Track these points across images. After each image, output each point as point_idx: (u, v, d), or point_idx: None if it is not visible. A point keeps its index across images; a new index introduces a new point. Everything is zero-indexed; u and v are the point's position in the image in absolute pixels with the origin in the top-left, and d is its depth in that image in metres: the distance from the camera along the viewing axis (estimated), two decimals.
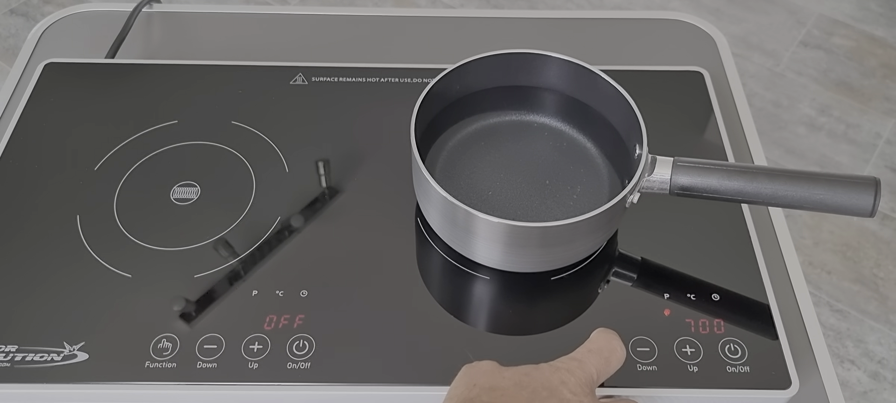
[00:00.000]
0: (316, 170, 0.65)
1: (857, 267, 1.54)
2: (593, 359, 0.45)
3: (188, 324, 0.55)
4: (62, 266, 0.58)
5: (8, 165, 0.64)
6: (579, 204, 0.60)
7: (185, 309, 0.56)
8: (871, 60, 1.93)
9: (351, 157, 0.66)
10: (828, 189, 0.51)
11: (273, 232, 0.60)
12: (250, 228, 0.61)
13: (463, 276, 0.59)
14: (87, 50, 0.78)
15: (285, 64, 0.73)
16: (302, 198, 0.63)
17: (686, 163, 0.55)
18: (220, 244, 0.60)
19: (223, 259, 0.59)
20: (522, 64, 0.63)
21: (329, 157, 0.66)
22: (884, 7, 2.06)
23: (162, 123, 0.68)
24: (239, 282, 0.57)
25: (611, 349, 0.46)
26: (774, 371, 0.53)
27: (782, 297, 0.60)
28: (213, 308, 0.56)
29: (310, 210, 0.62)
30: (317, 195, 0.63)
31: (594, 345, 0.46)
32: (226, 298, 0.56)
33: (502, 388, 0.42)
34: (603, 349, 0.46)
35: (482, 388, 0.42)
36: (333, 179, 0.64)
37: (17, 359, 0.52)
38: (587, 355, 0.45)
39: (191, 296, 0.56)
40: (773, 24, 2.02)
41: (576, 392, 0.42)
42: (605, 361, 0.45)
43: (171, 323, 0.55)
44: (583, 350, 0.46)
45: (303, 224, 0.61)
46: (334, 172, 0.65)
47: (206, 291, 0.57)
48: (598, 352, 0.45)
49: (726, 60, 0.79)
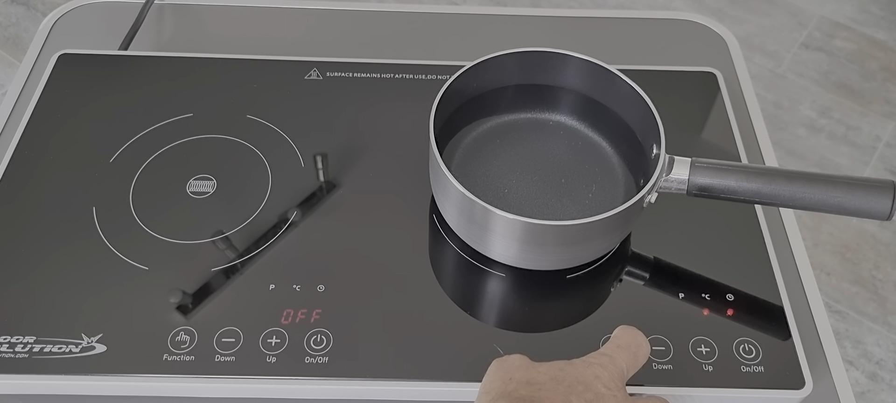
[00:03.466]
0: (331, 165, 0.65)
1: (855, 269, 1.55)
2: (623, 354, 0.45)
3: (206, 318, 0.55)
4: (79, 258, 0.58)
5: (24, 155, 0.64)
6: (595, 203, 0.60)
7: (202, 302, 0.56)
8: (872, 63, 1.94)
9: (366, 153, 0.66)
10: (846, 192, 0.51)
11: (289, 226, 0.61)
12: (267, 222, 0.61)
13: (478, 273, 0.59)
14: (97, 41, 0.78)
15: (300, 58, 0.73)
16: (318, 193, 0.63)
17: (704, 163, 0.55)
18: (237, 237, 0.60)
19: (240, 252, 0.59)
20: (540, 62, 0.63)
21: (344, 152, 0.66)
22: (885, 10, 2.07)
23: (177, 116, 0.68)
24: (256, 276, 0.57)
25: (637, 344, 0.46)
26: (788, 371, 0.54)
27: (794, 298, 0.60)
28: (230, 301, 0.56)
29: (325, 204, 0.62)
30: (332, 190, 0.63)
31: (621, 341, 0.47)
32: (243, 292, 0.57)
33: (539, 383, 0.42)
34: (630, 344, 0.46)
35: (519, 382, 0.42)
36: (348, 174, 0.64)
37: (36, 350, 0.53)
38: (616, 350, 0.46)
39: (208, 289, 0.56)
40: (775, 25, 2.03)
41: (609, 386, 0.43)
42: (632, 356, 0.46)
43: (188, 316, 0.55)
44: (611, 345, 0.46)
45: (318, 218, 0.61)
46: (349, 168, 0.65)
47: (223, 284, 0.57)
48: (626, 348, 0.46)
49: (737, 61, 0.79)
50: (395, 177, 0.64)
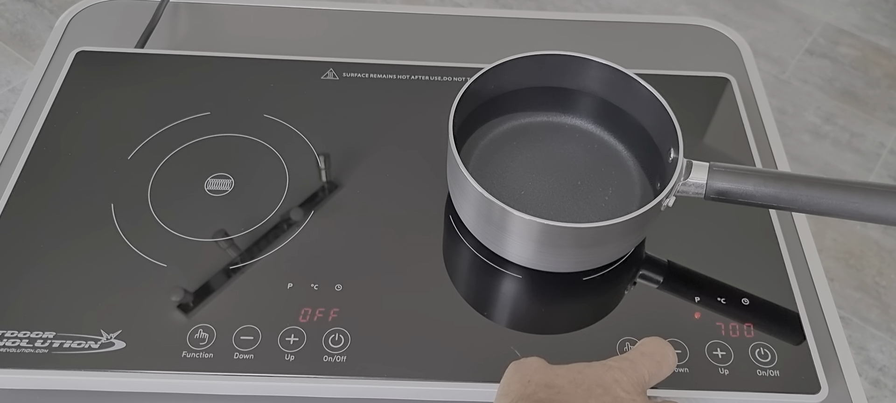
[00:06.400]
0: (347, 164, 0.65)
1: (859, 275, 1.55)
2: (646, 361, 0.45)
3: (224, 315, 0.55)
4: (98, 254, 0.58)
5: (43, 152, 0.64)
6: (611, 206, 0.61)
7: (220, 300, 0.56)
8: (877, 70, 1.95)
9: (381, 153, 0.66)
10: (864, 198, 0.52)
11: (306, 225, 0.61)
12: (284, 221, 0.61)
13: (494, 274, 0.59)
14: (111, 39, 0.78)
15: (316, 58, 0.73)
16: (334, 193, 0.63)
17: (722, 168, 0.55)
18: (255, 236, 0.60)
19: (258, 251, 0.59)
20: (557, 66, 0.64)
21: (360, 152, 0.66)
22: (889, 18, 2.08)
23: (194, 114, 0.68)
24: (274, 275, 0.58)
25: (663, 354, 0.46)
26: (804, 375, 0.54)
27: (808, 303, 0.61)
28: (248, 299, 0.56)
29: (341, 204, 0.63)
30: (348, 190, 0.64)
31: (646, 349, 0.47)
32: (261, 290, 0.57)
33: (558, 386, 0.42)
34: (655, 353, 0.46)
35: (538, 384, 0.43)
36: (364, 174, 0.65)
37: (55, 346, 0.53)
38: (639, 357, 0.46)
39: (226, 287, 0.57)
40: (780, 31, 2.03)
41: (629, 391, 0.43)
42: (657, 365, 0.46)
43: (207, 314, 0.55)
44: (635, 352, 0.46)
45: (335, 218, 0.62)
46: (365, 168, 0.65)
47: (242, 283, 0.57)
48: (650, 356, 0.46)
49: (750, 67, 0.80)
50: (411, 177, 0.65)
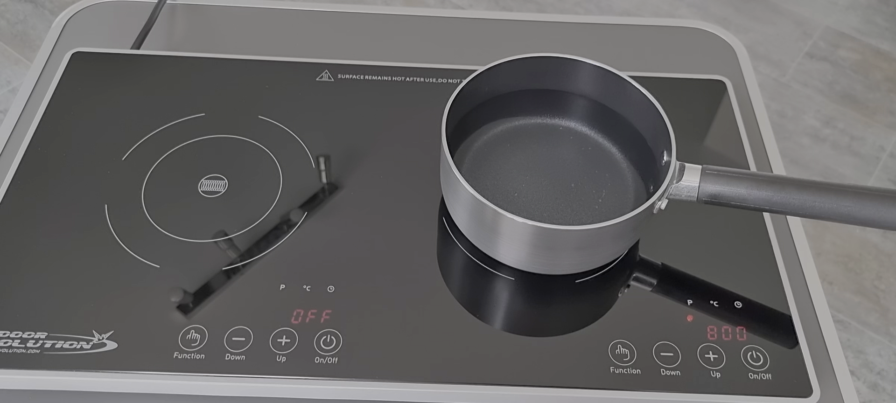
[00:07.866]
0: (341, 166, 0.65)
1: (858, 279, 1.55)
2: None
3: (216, 316, 0.55)
4: (91, 255, 0.58)
5: (37, 152, 0.64)
6: (604, 208, 0.61)
7: (213, 301, 0.56)
8: (877, 74, 1.94)
9: (376, 155, 0.66)
10: (856, 201, 0.51)
11: (300, 226, 0.61)
12: (277, 222, 0.61)
13: (487, 276, 0.59)
14: (108, 40, 0.78)
15: (311, 60, 0.73)
16: (328, 194, 0.63)
17: (715, 170, 0.55)
18: (248, 237, 0.60)
19: (250, 252, 0.59)
20: (551, 68, 0.64)
21: (354, 154, 0.66)
22: (890, 21, 2.08)
23: (189, 116, 0.68)
24: (266, 276, 0.58)
25: None
26: (796, 379, 0.54)
27: (801, 306, 0.60)
28: (240, 301, 0.56)
29: (335, 206, 0.63)
30: (342, 191, 0.64)
31: None
32: (253, 291, 0.57)
33: None
34: None
35: None
36: (358, 176, 0.65)
37: (47, 346, 0.53)
38: None
39: (218, 288, 0.57)
40: (780, 34, 2.03)
41: None
42: None
43: (199, 315, 0.55)
44: None
45: (329, 220, 0.62)
46: (359, 169, 0.65)
47: (234, 284, 0.57)
48: None
49: (746, 70, 0.80)
50: (405, 179, 0.65)
